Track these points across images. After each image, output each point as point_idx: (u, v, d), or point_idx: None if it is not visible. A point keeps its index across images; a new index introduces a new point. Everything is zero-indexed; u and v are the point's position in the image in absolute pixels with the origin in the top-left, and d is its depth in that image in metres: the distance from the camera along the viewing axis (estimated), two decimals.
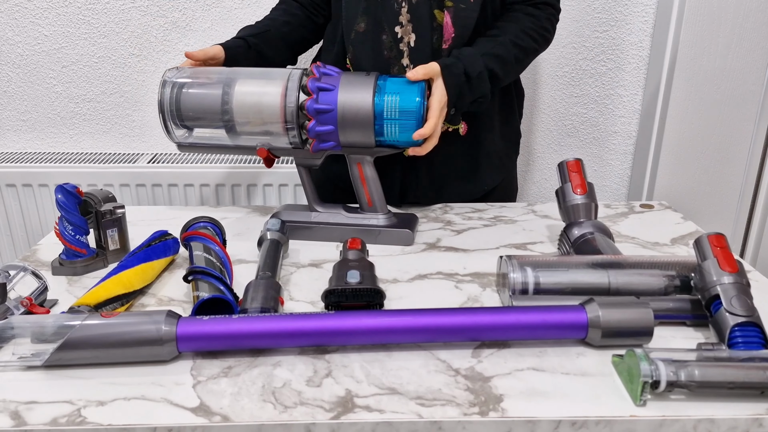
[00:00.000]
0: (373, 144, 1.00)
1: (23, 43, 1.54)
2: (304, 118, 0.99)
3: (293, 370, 0.70)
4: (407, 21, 1.06)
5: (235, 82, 1.00)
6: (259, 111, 0.99)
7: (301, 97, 0.98)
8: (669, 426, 0.63)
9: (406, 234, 1.03)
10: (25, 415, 0.62)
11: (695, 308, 0.78)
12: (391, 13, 1.07)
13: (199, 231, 0.90)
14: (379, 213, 1.06)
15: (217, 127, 1.03)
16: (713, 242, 0.76)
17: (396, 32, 1.07)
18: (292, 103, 0.98)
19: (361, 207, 1.06)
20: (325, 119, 0.98)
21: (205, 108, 1.01)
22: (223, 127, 1.02)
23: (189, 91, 1.01)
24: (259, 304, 0.76)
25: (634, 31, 1.55)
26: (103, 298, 0.77)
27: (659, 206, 1.22)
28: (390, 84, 0.98)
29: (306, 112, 0.98)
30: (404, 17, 1.06)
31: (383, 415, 0.63)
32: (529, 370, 0.70)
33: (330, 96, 0.97)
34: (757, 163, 1.57)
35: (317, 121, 0.98)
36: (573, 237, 0.93)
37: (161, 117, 1.02)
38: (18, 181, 1.53)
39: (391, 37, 1.07)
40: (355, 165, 1.03)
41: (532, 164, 1.69)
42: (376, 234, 1.04)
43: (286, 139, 1.01)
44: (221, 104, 1.00)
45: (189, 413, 0.63)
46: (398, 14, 1.06)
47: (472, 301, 0.85)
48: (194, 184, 1.55)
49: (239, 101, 0.99)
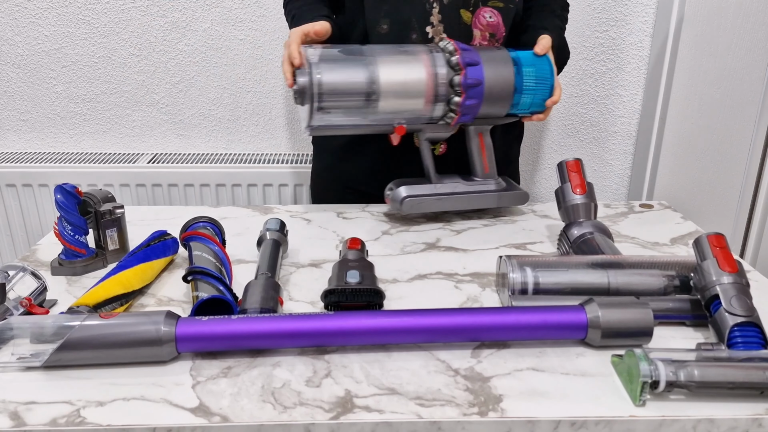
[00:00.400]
0: (503, 114, 1.07)
1: (23, 43, 1.54)
2: (452, 93, 1.02)
3: (293, 370, 0.70)
4: (438, 21, 1.07)
5: (377, 62, 1.00)
6: (405, 90, 1.01)
7: (448, 73, 1.01)
8: (668, 426, 0.63)
9: (522, 194, 1.13)
10: (24, 416, 0.62)
11: (695, 308, 0.78)
12: (421, 12, 1.07)
13: (198, 231, 0.90)
14: (492, 179, 1.12)
15: (358, 108, 1.01)
16: (713, 242, 0.76)
17: (426, 32, 1.08)
18: (443, 78, 1.01)
19: (476, 174, 1.12)
20: (474, 93, 1.02)
21: (351, 89, 0.99)
22: (363, 108, 1.01)
23: (332, 73, 0.99)
24: (258, 305, 0.76)
25: (634, 31, 1.55)
26: (103, 298, 0.77)
27: (659, 206, 1.22)
28: (523, 58, 1.05)
29: (459, 88, 1.01)
30: (435, 17, 1.07)
31: (383, 415, 0.63)
32: (529, 370, 0.70)
33: (477, 71, 1.01)
34: (757, 163, 1.57)
35: (467, 95, 1.01)
36: (572, 237, 0.93)
37: (308, 100, 0.99)
38: (18, 181, 1.54)
39: (421, 37, 1.08)
40: (476, 135, 1.09)
41: (532, 164, 1.69)
42: (495, 198, 1.11)
43: (428, 115, 1.04)
44: (367, 85, 0.99)
45: (188, 414, 0.63)
46: (429, 14, 1.08)
47: (472, 301, 0.85)
48: (194, 184, 1.55)
49: (387, 81, 1.00)
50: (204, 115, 1.61)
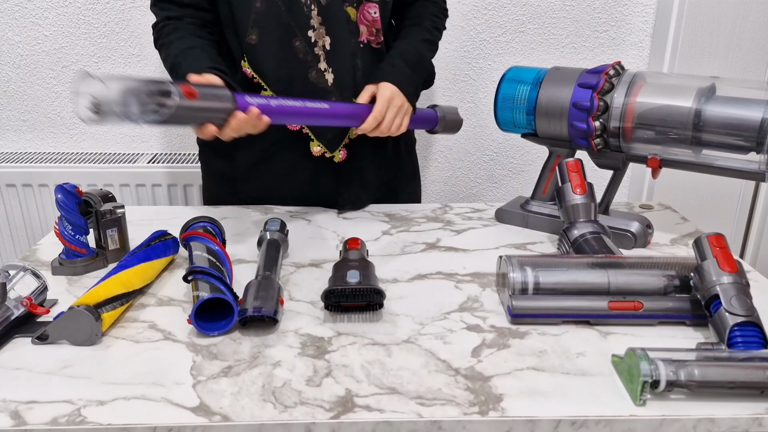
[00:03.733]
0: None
1: (23, 43, 1.54)
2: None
3: (293, 369, 0.70)
4: (319, 24, 1.04)
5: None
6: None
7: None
8: (669, 426, 0.63)
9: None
10: (25, 415, 0.62)
11: (695, 308, 0.78)
12: (301, 17, 1.03)
13: (198, 231, 0.90)
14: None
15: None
16: (713, 242, 0.76)
17: (309, 36, 1.05)
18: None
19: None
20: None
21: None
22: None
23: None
24: (259, 304, 0.76)
25: (634, 31, 1.55)
26: (103, 297, 0.77)
27: (659, 206, 1.22)
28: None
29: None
30: (315, 20, 1.04)
31: (383, 414, 0.63)
32: (529, 370, 0.70)
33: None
34: None
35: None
36: (573, 237, 0.93)
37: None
38: (18, 181, 1.54)
39: (305, 42, 1.05)
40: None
41: (532, 164, 1.69)
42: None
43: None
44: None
45: (189, 413, 0.63)
46: (309, 18, 1.04)
47: (472, 300, 0.85)
48: (194, 184, 1.55)
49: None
50: None
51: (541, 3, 1.55)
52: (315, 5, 1.03)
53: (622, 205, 1.22)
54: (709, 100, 0.94)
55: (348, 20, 1.06)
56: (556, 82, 1.04)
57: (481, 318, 0.81)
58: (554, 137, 1.07)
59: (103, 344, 0.74)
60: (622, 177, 1.05)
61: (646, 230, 1.03)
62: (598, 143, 1.02)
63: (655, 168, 1.00)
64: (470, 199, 1.74)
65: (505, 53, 1.59)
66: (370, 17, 1.07)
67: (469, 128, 1.66)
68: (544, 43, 1.58)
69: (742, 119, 0.90)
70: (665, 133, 0.96)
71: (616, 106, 0.98)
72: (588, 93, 1.00)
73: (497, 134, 1.66)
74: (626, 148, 1.02)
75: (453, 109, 1.23)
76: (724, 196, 1.60)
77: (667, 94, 0.96)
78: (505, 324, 0.79)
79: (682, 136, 0.95)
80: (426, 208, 1.19)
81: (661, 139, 0.97)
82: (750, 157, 0.93)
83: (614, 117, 0.99)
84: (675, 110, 0.95)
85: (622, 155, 1.03)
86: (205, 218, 0.94)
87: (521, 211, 1.11)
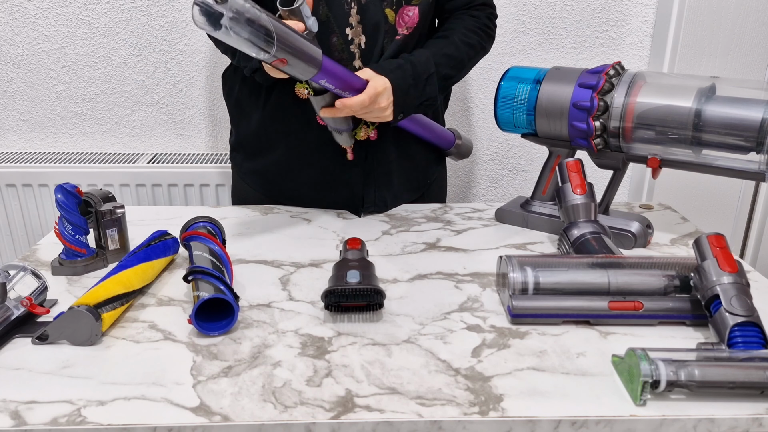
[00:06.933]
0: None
1: (23, 43, 1.54)
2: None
3: (293, 369, 0.70)
4: (357, 22, 1.04)
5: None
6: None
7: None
8: (669, 426, 0.63)
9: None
10: (25, 415, 0.62)
11: (695, 308, 0.78)
12: (340, 14, 1.04)
13: (198, 231, 0.90)
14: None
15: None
16: (713, 242, 0.76)
17: (347, 34, 1.05)
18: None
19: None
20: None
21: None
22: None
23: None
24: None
25: (634, 31, 1.55)
26: (103, 297, 0.77)
27: (659, 206, 1.22)
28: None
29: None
30: (354, 18, 1.04)
31: (383, 414, 0.63)
32: (529, 370, 0.70)
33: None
34: None
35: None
36: (573, 237, 0.93)
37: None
38: (18, 181, 1.53)
39: (342, 39, 1.05)
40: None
41: (532, 164, 1.69)
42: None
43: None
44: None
45: (189, 413, 0.63)
46: (348, 15, 1.04)
47: (472, 301, 0.85)
48: (194, 184, 1.55)
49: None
50: (204, 115, 1.61)
51: (541, 3, 1.55)
52: (355, 3, 1.04)
53: (622, 205, 1.22)
54: (709, 100, 0.94)
55: (385, 21, 1.06)
56: (556, 82, 1.04)
57: (481, 318, 0.81)
58: (554, 137, 1.07)
59: (103, 344, 0.74)
60: (622, 177, 1.05)
61: (646, 230, 1.03)
62: (598, 143, 1.02)
63: (655, 168, 1.00)
64: (470, 199, 1.74)
65: (505, 53, 1.59)
66: (409, 20, 1.08)
67: (469, 128, 1.66)
68: (544, 43, 1.58)
69: (742, 119, 0.90)
70: (665, 133, 0.96)
71: (616, 106, 0.98)
72: (588, 93, 1.00)
73: (497, 134, 1.66)
74: (626, 148, 1.01)
75: (468, 139, 1.28)
76: (724, 196, 1.60)
77: (667, 94, 0.96)
78: (505, 324, 0.79)
79: (682, 136, 0.95)
80: (426, 208, 1.19)
81: (661, 139, 0.97)
82: (750, 157, 0.93)
83: (614, 117, 0.99)
84: (675, 110, 0.95)
85: (622, 155, 1.02)
86: (205, 218, 0.94)
87: (521, 211, 1.11)
